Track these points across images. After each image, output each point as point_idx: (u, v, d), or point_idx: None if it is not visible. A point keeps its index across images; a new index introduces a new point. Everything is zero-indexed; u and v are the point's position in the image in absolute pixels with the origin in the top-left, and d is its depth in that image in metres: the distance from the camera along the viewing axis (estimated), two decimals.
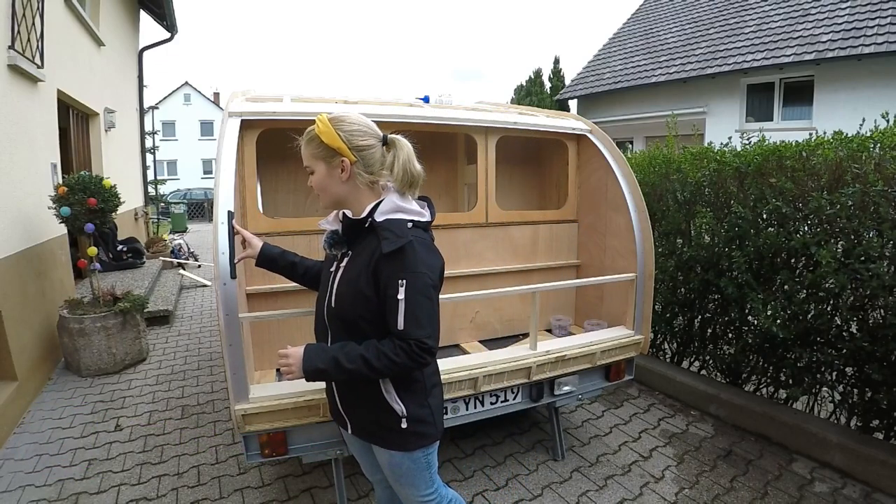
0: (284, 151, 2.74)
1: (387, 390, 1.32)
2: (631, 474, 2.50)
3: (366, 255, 1.28)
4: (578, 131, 2.81)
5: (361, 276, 1.27)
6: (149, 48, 8.90)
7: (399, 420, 1.32)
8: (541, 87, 20.28)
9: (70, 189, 3.74)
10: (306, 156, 1.35)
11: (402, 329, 1.21)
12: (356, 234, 1.34)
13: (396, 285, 1.21)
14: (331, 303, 1.34)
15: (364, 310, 1.27)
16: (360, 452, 1.59)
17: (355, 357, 1.23)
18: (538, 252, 2.98)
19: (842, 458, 2.46)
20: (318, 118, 1.32)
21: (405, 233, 1.25)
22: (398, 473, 1.41)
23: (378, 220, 1.28)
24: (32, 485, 2.43)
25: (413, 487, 1.43)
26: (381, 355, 1.22)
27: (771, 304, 2.66)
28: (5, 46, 3.43)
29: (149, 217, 9.46)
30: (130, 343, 3.95)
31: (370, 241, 1.29)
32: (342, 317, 1.32)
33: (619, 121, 11.54)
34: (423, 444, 1.37)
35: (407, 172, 1.31)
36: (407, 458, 1.38)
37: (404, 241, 1.23)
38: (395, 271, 1.22)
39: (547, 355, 2.25)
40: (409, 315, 1.21)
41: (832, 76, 8.45)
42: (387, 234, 1.24)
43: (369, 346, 1.24)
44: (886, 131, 2.42)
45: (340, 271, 1.35)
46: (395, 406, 1.32)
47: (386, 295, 1.23)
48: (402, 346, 1.22)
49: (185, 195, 20.47)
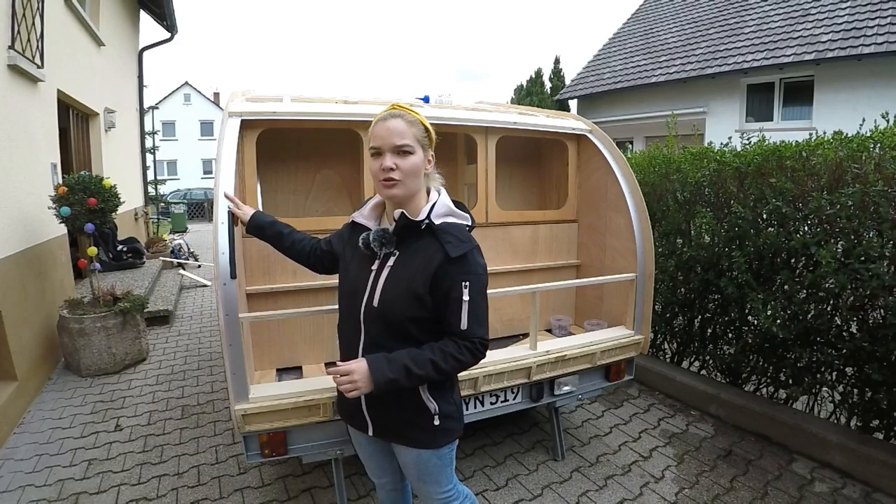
0: (284, 151, 2.76)
1: (422, 389, 1.32)
2: (631, 474, 2.50)
3: (423, 257, 1.27)
4: (578, 131, 2.81)
5: (418, 277, 1.25)
6: (149, 48, 8.91)
7: (432, 417, 1.34)
8: (541, 87, 20.28)
9: (70, 189, 3.75)
10: (410, 135, 1.26)
11: (466, 329, 1.25)
12: (408, 235, 1.31)
13: (460, 287, 1.24)
14: (372, 302, 1.30)
15: (415, 311, 1.26)
16: (372, 453, 1.55)
17: (424, 362, 1.23)
18: (538, 252, 2.98)
19: (842, 458, 2.46)
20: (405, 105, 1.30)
21: (468, 237, 1.30)
22: (424, 471, 1.41)
23: (436, 222, 1.29)
24: (32, 485, 2.43)
25: (436, 484, 1.44)
26: (447, 356, 1.24)
27: (771, 304, 2.66)
28: (5, 46, 3.43)
29: (149, 217, 9.46)
30: (130, 343, 3.95)
31: (426, 243, 1.28)
32: (387, 317, 1.28)
33: (619, 121, 11.54)
34: (450, 439, 1.40)
35: None
36: (435, 455, 1.39)
37: (470, 247, 1.27)
38: (459, 274, 1.24)
39: (547, 355, 2.25)
40: (472, 315, 1.25)
41: (832, 76, 8.45)
42: (450, 239, 1.26)
43: (434, 349, 1.25)
44: (886, 131, 2.41)
45: (387, 271, 1.30)
46: (428, 404, 1.33)
47: (449, 297, 1.25)
48: (466, 346, 1.26)
49: (185, 195, 20.47)
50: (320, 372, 2.40)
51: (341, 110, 2.28)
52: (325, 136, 2.75)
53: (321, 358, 2.50)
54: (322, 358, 2.50)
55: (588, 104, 12.80)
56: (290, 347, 2.44)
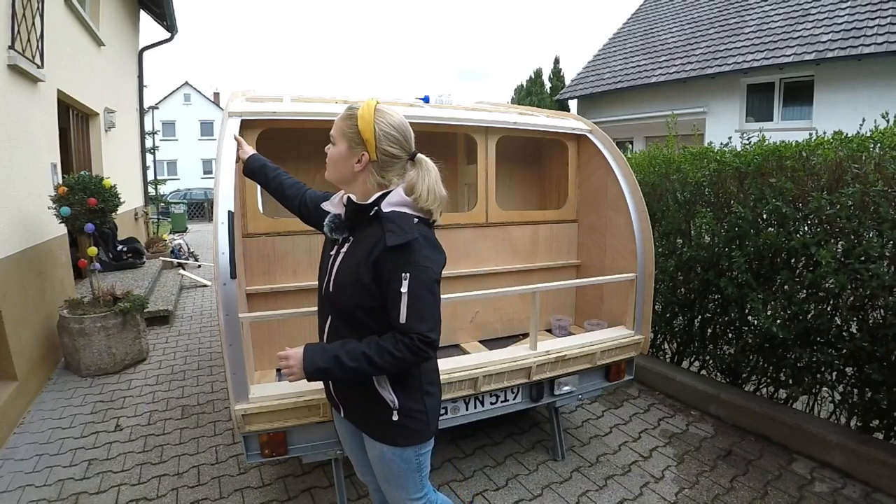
0: (284, 151, 2.76)
1: (379, 382, 1.30)
2: (631, 474, 2.50)
3: (367, 244, 1.26)
4: (578, 131, 2.81)
5: (361, 264, 1.25)
6: (149, 48, 8.90)
7: (391, 412, 1.31)
8: (541, 87, 20.27)
9: (70, 189, 3.75)
10: (337, 127, 1.34)
11: (405, 323, 1.20)
12: (359, 221, 1.32)
13: (400, 278, 1.19)
14: (329, 287, 1.34)
15: (362, 298, 1.25)
16: (352, 448, 1.57)
17: (357, 355, 1.22)
18: (538, 252, 2.98)
19: (842, 458, 2.46)
20: (368, 103, 1.30)
21: (411, 228, 1.23)
22: (387, 471, 1.39)
23: (384, 210, 1.27)
24: (32, 485, 2.43)
25: (402, 489, 1.41)
26: (382, 351, 1.21)
27: (771, 304, 2.66)
28: (5, 46, 3.43)
29: (149, 217, 9.46)
30: (130, 343, 3.95)
31: (373, 229, 1.27)
32: (337, 303, 1.31)
33: (619, 121, 11.54)
34: (413, 441, 1.35)
35: (433, 193, 1.30)
36: (397, 455, 1.35)
37: (410, 237, 1.21)
38: (398, 265, 1.20)
39: (547, 355, 2.25)
40: (411, 309, 1.19)
41: (832, 76, 8.45)
42: (392, 227, 1.22)
43: (370, 343, 1.23)
44: (886, 131, 2.41)
45: (340, 257, 1.33)
46: (385, 396, 1.30)
47: (389, 288, 1.21)
48: (403, 341, 1.20)
49: (185, 195, 20.46)
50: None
51: (341, 110, 2.28)
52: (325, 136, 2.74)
53: None
54: None
55: (588, 104, 12.80)
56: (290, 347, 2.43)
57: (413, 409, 1.33)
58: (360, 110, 1.29)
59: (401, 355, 1.21)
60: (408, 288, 1.19)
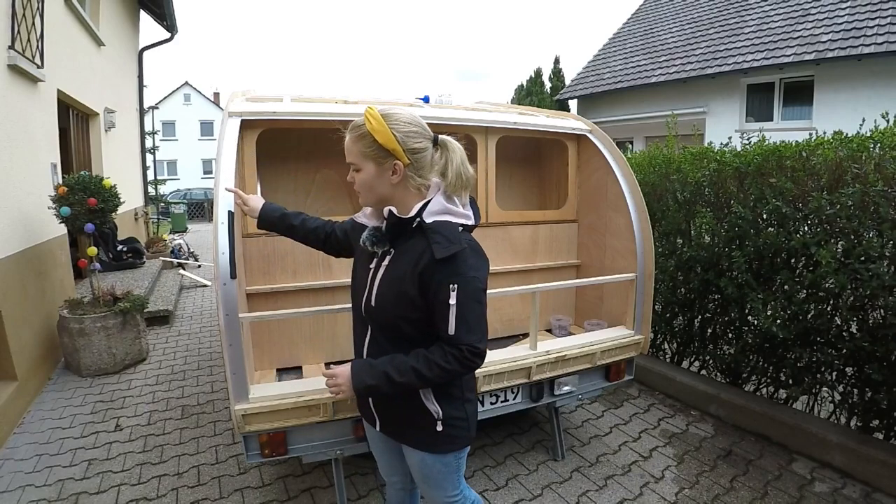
0: (284, 151, 2.76)
1: (425, 394, 1.30)
2: (631, 474, 2.50)
3: (412, 256, 1.24)
4: (578, 131, 2.81)
5: (407, 277, 1.22)
6: (149, 48, 8.90)
7: (434, 422, 1.31)
8: (541, 87, 20.26)
9: (70, 189, 3.75)
10: (354, 153, 1.26)
11: (453, 334, 1.19)
12: (401, 233, 1.29)
13: (448, 290, 1.18)
14: (370, 301, 1.30)
15: (407, 310, 1.24)
16: (382, 451, 1.56)
17: (406, 370, 1.21)
18: (538, 252, 2.98)
19: (842, 458, 2.46)
20: (369, 113, 1.23)
21: (458, 238, 1.21)
22: (427, 475, 1.41)
23: (427, 220, 1.24)
24: (32, 485, 2.43)
25: (440, 489, 1.43)
26: (431, 364, 1.20)
27: (771, 304, 2.66)
28: (5, 46, 3.43)
29: (149, 217, 9.46)
30: (130, 343, 3.95)
31: (417, 241, 1.25)
32: (382, 317, 1.29)
33: (619, 121, 11.54)
34: (455, 447, 1.36)
35: (461, 177, 1.27)
36: (438, 460, 1.37)
37: (457, 248, 1.19)
38: (446, 276, 1.18)
39: (547, 355, 2.25)
40: (460, 320, 1.18)
41: (832, 76, 8.45)
42: (438, 239, 1.20)
43: (419, 357, 1.22)
44: (886, 131, 2.41)
45: (382, 270, 1.29)
46: (431, 407, 1.30)
47: (436, 300, 1.20)
48: (452, 353, 1.20)
49: (185, 195, 20.46)
50: (320, 372, 2.40)
51: (341, 110, 2.28)
52: (326, 136, 2.74)
53: (321, 358, 2.50)
54: (322, 358, 2.50)
55: (588, 104, 12.79)
56: (290, 347, 2.44)
57: (456, 417, 1.33)
58: (370, 125, 1.21)
59: (450, 367, 1.20)
60: (456, 299, 1.18)
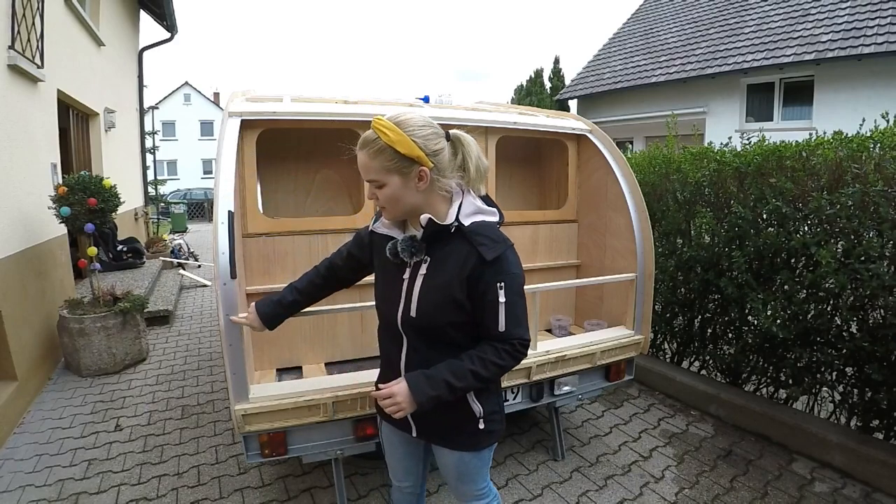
0: (284, 151, 2.76)
1: (470, 395, 1.30)
2: (631, 474, 2.50)
3: (455, 261, 1.22)
4: (578, 131, 2.81)
5: (454, 282, 1.21)
6: (149, 48, 8.90)
7: (477, 421, 1.32)
8: (541, 87, 20.27)
9: (70, 189, 3.75)
10: (374, 169, 1.20)
11: (504, 330, 1.21)
12: (437, 240, 1.26)
13: (496, 289, 1.20)
14: (409, 311, 1.27)
15: (455, 316, 1.24)
16: (402, 456, 1.52)
17: (464, 373, 1.21)
18: (538, 252, 2.98)
19: (842, 458, 2.46)
20: (381, 124, 1.18)
21: (500, 236, 1.24)
22: (463, 472, 1.42)
23: (465, 223, 1.23)
24: (32, 485, 2.43)
25: (472, 483, 1.45)
26: (487, 363, 1.21)
27: (771, 304, 2.66)
28: (5, 46, 3.43)
29: (149, 217, 9.46)
30: (130, 343, 3.95)
31: (457, 246, 1.23)
32: (427, 325, 1.26)
33: (619, 121, 11.53)
34: (493, 440, 1.39)
35: (479, 169, 1.28)
36: (476, 457, 1.39)
37: (504, 247, 1.21)
38: (494, 276, 1.20)
39: (547, 355, 2.25)
40: (509, 316, 1.21)
41: (832, 76, 8.45)
42: (483, 240, 1.20)
43: (473, 359, 1.22)
44: (886, 131, 2.41)
45: (420, 279, 1.26)
46: (474, 407, 1.31)
47: (485, 300, 1.21)
48: (505, 349, 1.22)
49: (185, 195, 20.46)
50: (320, 372, 2.40)
51: (341, 110, 2.28)
52: (326, 136, 2.75)
53: (321, 358, 2.51)
54: (322, 358, 2.51)
55: (588, 104, 12.79)
56: (290, 347, 2.44)
57: (493, 411, 1.36)
58: (386, 137, 1.17)
59: (504, 363, 1.23)
60: (505, 297, 1.20)
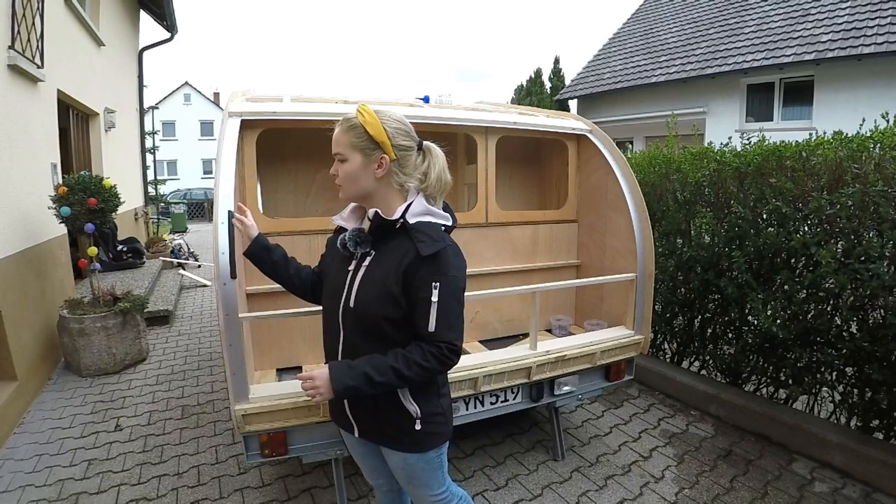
0: (284, 151, 2.76)
1: (403, 394, 1.30)
2: (631, 474, 2.50)
3: (395, 256, 1.26)
4: (578, 131, 2.81)
5: (390, 276, 1.24)
6: (149, 48, 8.90)
7: (414, 421, 1.31)
8: (541, 87, 20.26)
9: (70, 189, 3.75)
10: (343, 143, 1.29)
11: (433, 331, 1.21)
12: (383, 235, 1.31)
13: (430, 288, 1.20)
14: (349, 303, 1.30)
15: (390, 310, 1.25)
16: (363, 455, 1.55)
17: (385, 369, 1.21)
18: (538, 252, 2.98)
19: (842, 458, 2.46)
20: (362, 108, 1.28)
21: (441, 237, 1.26)
22: (411, 475, 1.40)
23: (410, 221, 1.27)
24: (32, 485, 2.43)
25: (426, 487, 1.43)
26: (411, 363, 1.21)
27: (771, 304, 2.66)
28: (5, 46, 3.43)
29: (149, 217, 9.46)
30: (130, 343, 3.95)
31: (400, 242, 1.27)
32: (363, 317, 1.28)
33: (619, 121, 11.53)
34: (436, 444, 1.37)
35: (440, 181, 1.34)
36: (421, 459, 1.37)
37: (442, 246, 1.23)
38: (429, 274, 1.21)
39: (547, 355, 2.25)
40: (440, 318, 1.21)
41: (832, 76, 8.45)
42: (422, 238, 1.23)
43: (397, 356, 1.22)
44: (886, 131, 2.42)
45: (363, 270, 1.31)
46: (409, 407, 1.30)
47: (418, 297, 1.22)
48: (431, 351, 1.22)
49: (185, 195, 20.45)
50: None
51: (341, 110, 2.28)
52: (326, 136, 2.74)
53: (321, 358, 2.46)
54: (322, 358, 2.49)
55: (588, 104, 12.79)
56: (290, 347, 2.44)
57: (434, 413, 1.34)
58: (361, 118, 1.27)
59: (429, 365, 1.22)
60: (438, 297, 1.20)
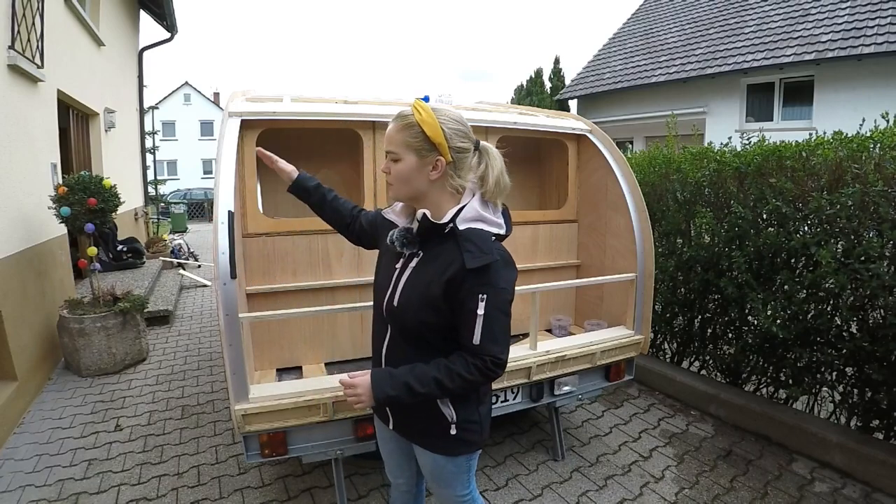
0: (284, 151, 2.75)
1: (441, 399, 1.29)
2: (631, 474, 2.50)
3: (441, 262, 1.21)
4: (578, 131, 2.81)
5: (434, 282, 1.20)
6: (149, 48, 8.90)
7: (449, 426, 1.30)
8: (541, 87, 20.27)
9: (70, 189, 3.75)
10: (397, 141, 1.24)
11: (478, 344, 1.17)
12: (431, 237, 1.25)
13: (476, 299, 1.15)
14: (392, 301, 1.28)
15: (430, 317, 1.22)
16: (392, 452, 1.54)
17: (427, 380, 1.19)
18: (538, 252, 2.98)
19: (842, 458, 2.46)
20: (419, 105, 1.22)
21: (490, 248, 1.18)
22: (438, 474, 1.41)
23: (460, 227, 1.21)
24: (32, 485, 2.43)
25: (450, 488, 1.43)
26: (453, 375, 1.18)
27: (771, 304, 2.66)
28: (5, 46, 3.43)
29: (149, 217, 9.46)
30: (130, 343, 3.95)
31: (448, 247, 1.21)
32: (403, 318, 1.27)
33: (619, 121, 11.53)
34: (468, 450, 1.36)
35: (499, 184, 1.26)
36: (450, 462, 1.37)
37: (489, 259, 1.16)
38: (475, 285, 1.16)
39: (547, 355, 2.25)
40: (486, 330, 1.16)
41: (832, 76, 8.45)
42: (470, 248, 1.17)
43: (440, 367, 1.20)
44: (886, 131, 2.42)
45: (408, 272, 1.28)
46: (446, 411, 1.29)
47: (463, 308, 1.18)
48: (475, 364, 1.18)
49: (185, 195, 20.45)
50: (320, 372, 2.41)
51: (341, 110, 2.28)
52: (326, 136, 2.75)
53: (321, 358, 2.51)
54: (322, 358, 2.51)
55: (588, 104, 12.79)
56: (290, 347, 2.44)
57: (470, 420, 1.32)
58: (419, 115, 1.21)
59: (472, 378, 1.19)
60: (484, 310, 1.15)
